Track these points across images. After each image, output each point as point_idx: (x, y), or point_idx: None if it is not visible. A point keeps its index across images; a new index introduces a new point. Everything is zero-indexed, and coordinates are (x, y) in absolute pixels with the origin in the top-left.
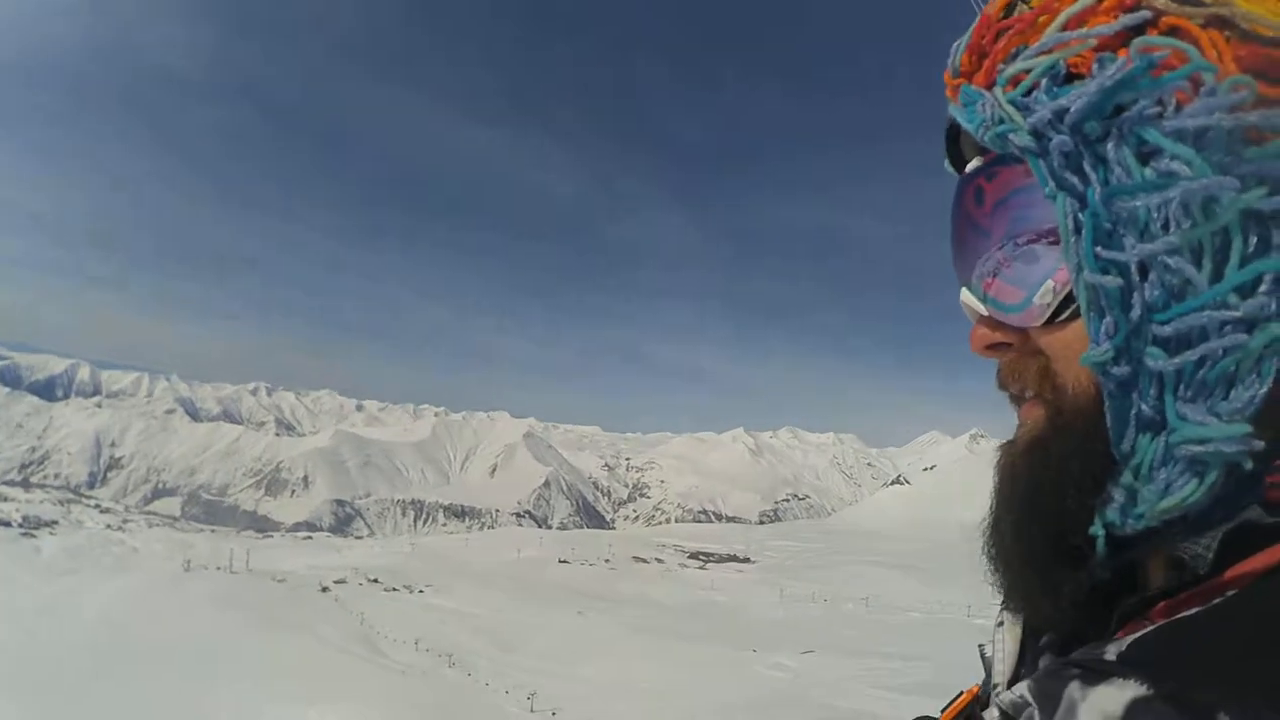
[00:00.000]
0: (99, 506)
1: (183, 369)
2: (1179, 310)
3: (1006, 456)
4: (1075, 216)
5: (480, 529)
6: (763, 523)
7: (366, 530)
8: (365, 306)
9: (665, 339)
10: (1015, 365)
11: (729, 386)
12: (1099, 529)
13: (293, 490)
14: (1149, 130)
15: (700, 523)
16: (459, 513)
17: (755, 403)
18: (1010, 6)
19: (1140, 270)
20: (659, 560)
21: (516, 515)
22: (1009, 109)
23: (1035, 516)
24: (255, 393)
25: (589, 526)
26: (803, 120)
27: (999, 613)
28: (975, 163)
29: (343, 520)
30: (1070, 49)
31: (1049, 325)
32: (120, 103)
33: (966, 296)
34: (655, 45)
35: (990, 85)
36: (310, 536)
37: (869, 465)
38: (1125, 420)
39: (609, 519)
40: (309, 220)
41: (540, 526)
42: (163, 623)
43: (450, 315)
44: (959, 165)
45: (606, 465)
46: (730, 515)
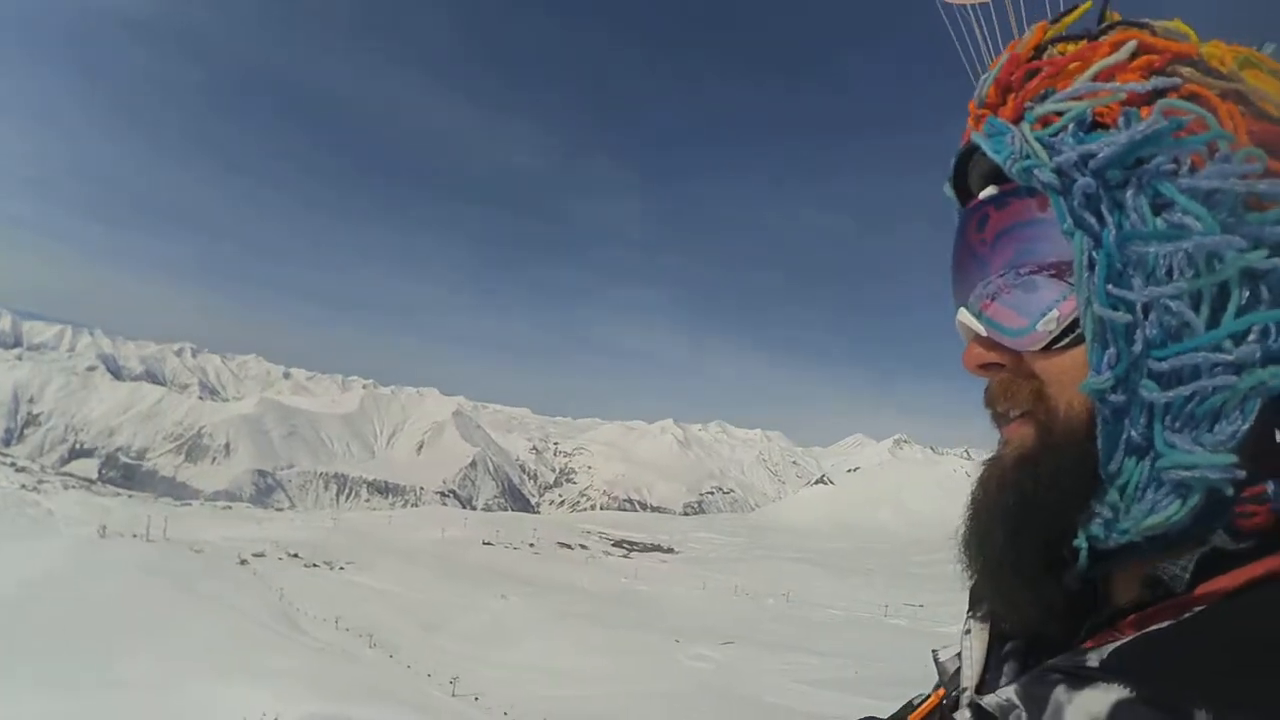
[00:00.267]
0: (14, 465)
1: (107, 323)
2: (1176, 349)
3: (992, 470)
4: (1090, 254)
5: (404, 507)
6: (687, 514)
7: (287, 502)
8: (299, 271)
9: (603, 324)
10: (1007, 385)
11: (662, 376)
12: (1083, 542)
13: (213, 457)
14: (1165, 184)
15: (625, 511)
16: (383, 489)
17: (687, 395)
18: (1040, 49)
19: (1144, 310)
20: (583, 547)
21: (441, 494)
22: (1036, 146)
23: (1026, 527)
24: (180, 353)
25: (513, 509)
26: (764, 115)
27: (966, 620)
28: (990, 190)
29: (263, 491)
30: (1100, 99)
31: (1046, 351)
32: (61, 39)
33: (964, 316)
34: (631, 25)
35: (1017, 120)
36: (230, 506)
37: (794, 463)
38: (1115, 444)
39: (534, 503)
40: (250, 179)
41: (464, 507)
42: (78, 590)
43: (385, 285)
44: (962, 192)
45: (534, 448)
46: (655, 505)
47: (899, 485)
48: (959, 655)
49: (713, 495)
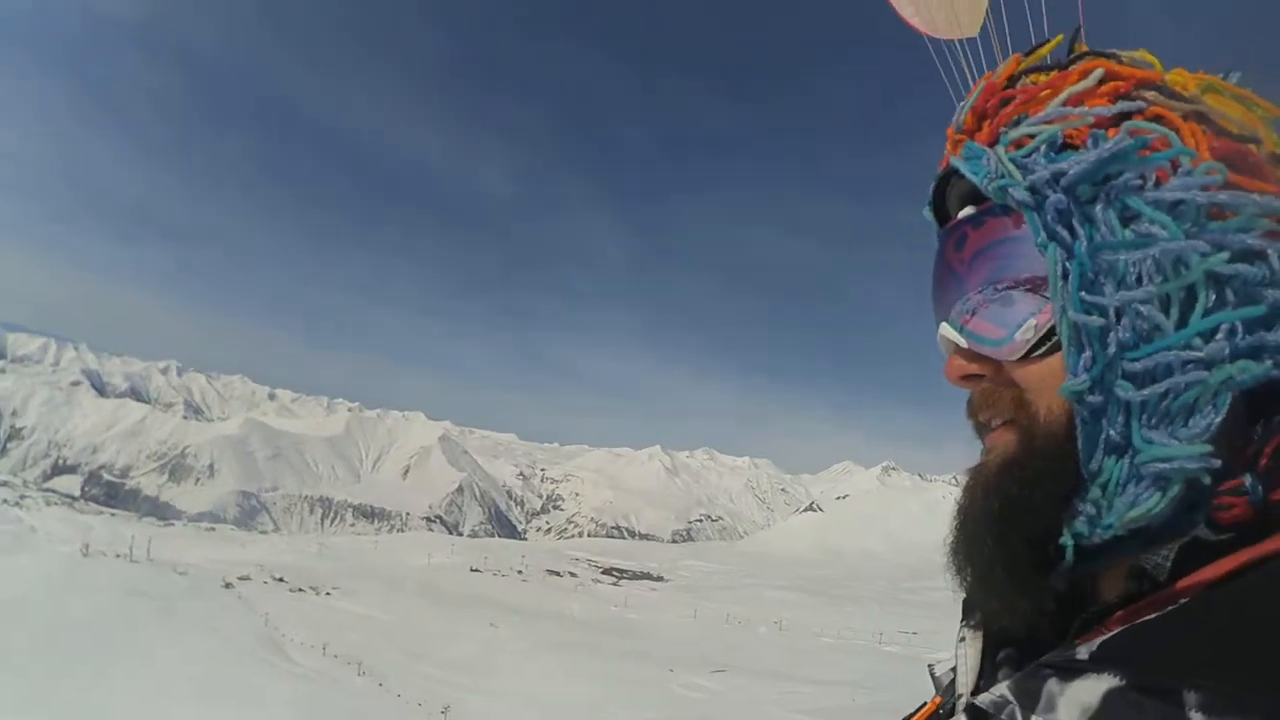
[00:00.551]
0: None
1: (93, 338)
2: (1148, 350)
3: (977, 477)
4: (1064, 265)
5: (390, 532)
6: (675, 542)
7: (271, 525)
8: (286, 293)
9: (590, 350)
10: (989, 395)
11: (649, 403)
12: (1068, 539)
13: (197, 478)
14: (1132, 198)
15: (613, 538)
16: (368, 513)
17: (674, 421)
18: (1014, 79)
19: (1116, 314)
20: (572, 574)
21: (427, 520)
22: (1011, 167)
23: (1013, 529)
24: (165, 371)
25: (500, 536)
26: (745, 139)
27: (960, 628)
28: (968, 210)
29: (247, 513)
30: (1069, 122)
31: (1025, 360)
32: (53, 44)
33: (946, 330)
34: (603, 46)
35: (993, 144)
36: (213, 528)
37: (782, 490)
38: (1095, 443)
39: (521, 529)
40: (239, 197)
41: (451, 533)
42: (60, 610)
43: (372, 309)
44: (940, 214)
45: (522, 474)
46: (643, 533)
47: (888, 512)
48: (954, 668)
49: (701, 523)
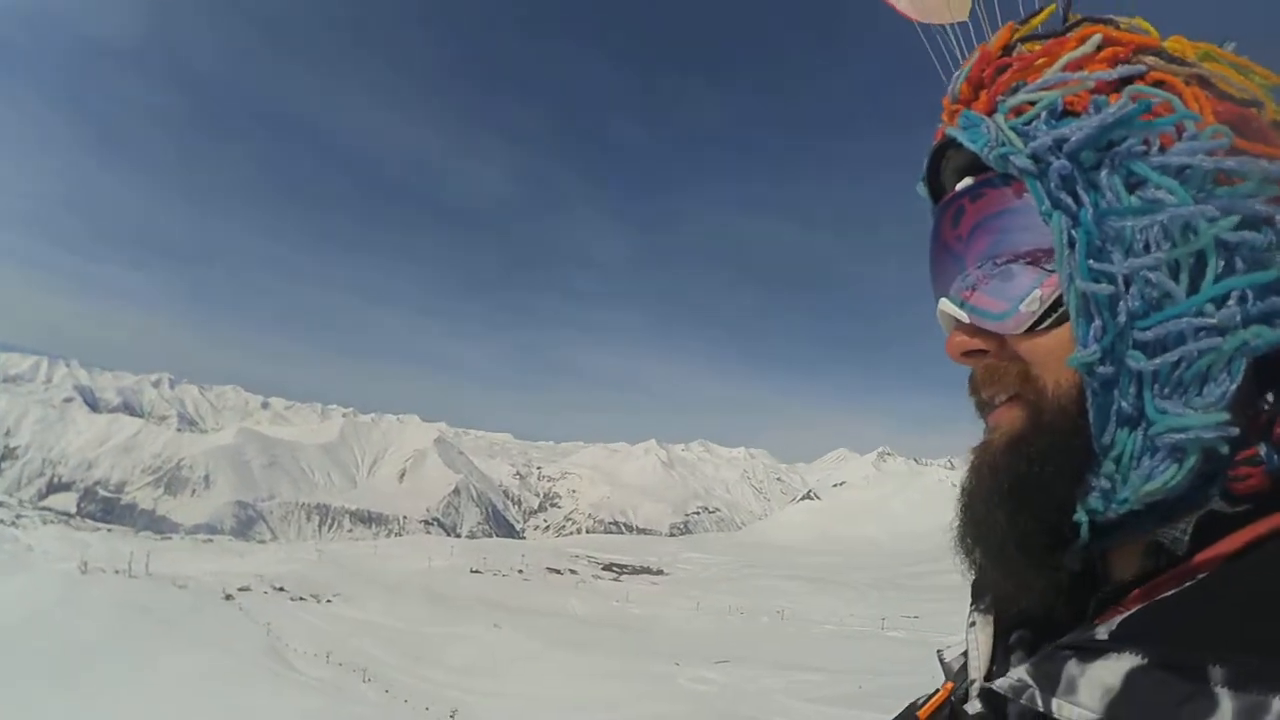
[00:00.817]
0: None
1: (84, 354)
2: (1159, 318)
3: (983, 456)
4: (1070, 233)
5: (388, 536)
6: (673, 535)
7: (269, 534)
8: (275, 299)
9: (587, 348)
10: (993, 370)
11: (643, 397)
12: (1082, 516)
13: (193, 490)
14: (1138, 164)
15: (611, 534)
16: (366, 519)
17: (669, 415)
18: (1008, 47)
19: (1125, 282)
20: (573, 571)
21: (425, 523)
22: (1011, 134)
23: (1025, 507)
24: (158, 384)
25: (498, 535)
26: (735, 130)
27: (970, 613)
28: (966, 182)
29: (244, 523)
30: (1069, 88)
31: (1030, 333)
32: (44, 66)
33: (946, 305)
34: (599, 44)
35: (991, 113)
36: (211, 539)
37: (779, 480)
38: (1107, 416)
39: (519, 529)
40: (224, 206)
41: (449, 535)
42: (61, 628)
43: (367, 312)
44: (935, 190)
45: (518, 474)
46: (641, 527)
47: (885, 498)
48: (964, 654)
49: (699, 515)
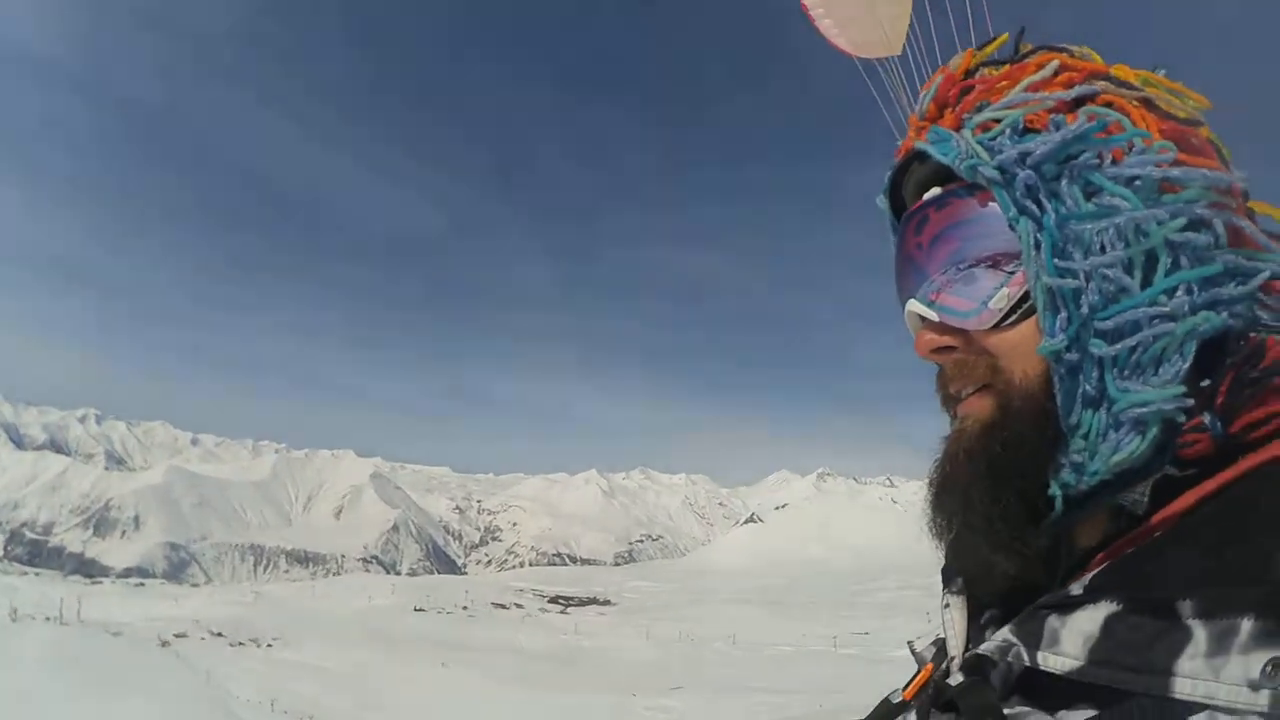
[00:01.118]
0: None
1: (6, 389)
2: (1117, 309)
3: (957, 443)
4: (1035, 236)
5: (325, 575)
6: (618, 564)
7: (203, 577)
8: (203, 333)
9: (517, 378)
10: (961, 365)
11: (582, 427)
12: (1056, 490)
13: (123, 531)
14: (1094, 175)
15: (555, 565)
16: (302, 558)
17: (608, 444)
18: (970, 71)
19: (1086, 278)
20: (519, 605)
21: (364, 561)
22: (978, 148)
23: (1004, 484)
24: (84, 420)
25: (440, 572)
26: (671, 162)
27: (943, 596)
28: (934, 192)
29: (176, 565)
30: (1030, 107)
31: (997, 328)
32: None
33: (914, 305)
34: (526, 74)
35: (958, 129)
36: (143, 583)
37: (721, 505)
38: (1073, 399)
39: (460, 564)
40: (152, 237)
41: (389, 573)
42: None
43: (293, 346)
44: (896, 204)
45: (458, 508)
46: (585, 558)
47: (827, 518)
48: (934, 643)
49: (642, 543)
